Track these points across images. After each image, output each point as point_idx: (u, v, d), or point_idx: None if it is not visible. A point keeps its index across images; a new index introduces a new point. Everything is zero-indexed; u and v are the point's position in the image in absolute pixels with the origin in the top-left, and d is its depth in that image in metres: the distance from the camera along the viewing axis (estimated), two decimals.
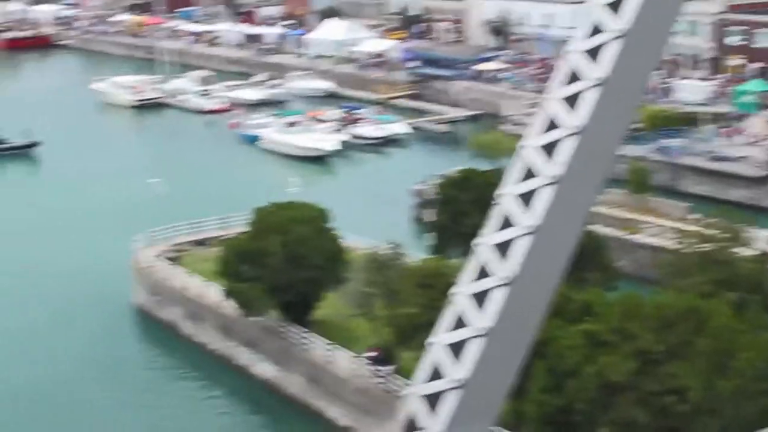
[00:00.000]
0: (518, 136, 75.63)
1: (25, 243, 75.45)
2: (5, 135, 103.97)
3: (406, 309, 47.19)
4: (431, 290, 46.64)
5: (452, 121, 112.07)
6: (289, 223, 53.52)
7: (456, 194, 58.10)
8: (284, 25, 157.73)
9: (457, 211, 57.19)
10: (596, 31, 15.67)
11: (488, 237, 6.00)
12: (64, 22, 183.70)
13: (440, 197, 60.12)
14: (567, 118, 13.99)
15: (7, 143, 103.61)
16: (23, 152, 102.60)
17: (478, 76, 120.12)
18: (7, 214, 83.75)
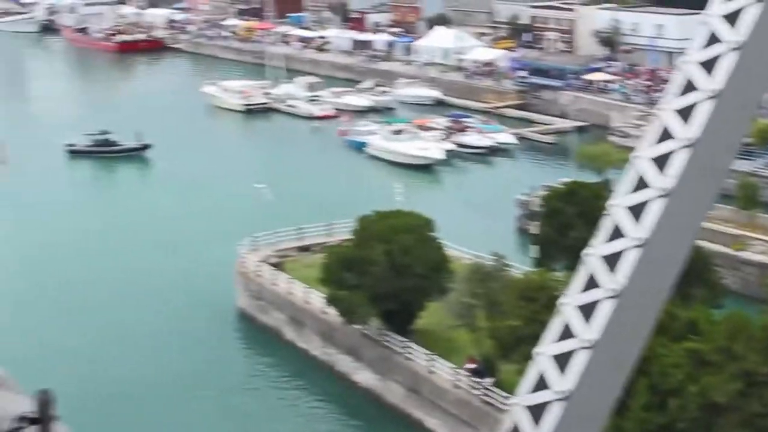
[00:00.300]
0: (626, 148, 75.13)
1: (135, 244, 76.52)
2: (118, 137, 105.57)
3: (509, 321, 47.01)
4: (534, 303, 46.41)
5: (559, 132, 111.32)
6: (393, 232, 53.58)
7: (562, 207, 57.66)
8: (393, 33, 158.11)
9: (563, 224, 56.76)
10: (712, 41, 15.38)
11: (597, 248, 5.97)
12: (176, 26, 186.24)
13: (545, 209, 59.72)
14: (680, 130, 13.75)
15: (120, 145, 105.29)
16: (136, 154, 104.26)
17: (586, 87, 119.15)
18: (118, 214, 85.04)
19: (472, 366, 49.30)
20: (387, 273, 52.52)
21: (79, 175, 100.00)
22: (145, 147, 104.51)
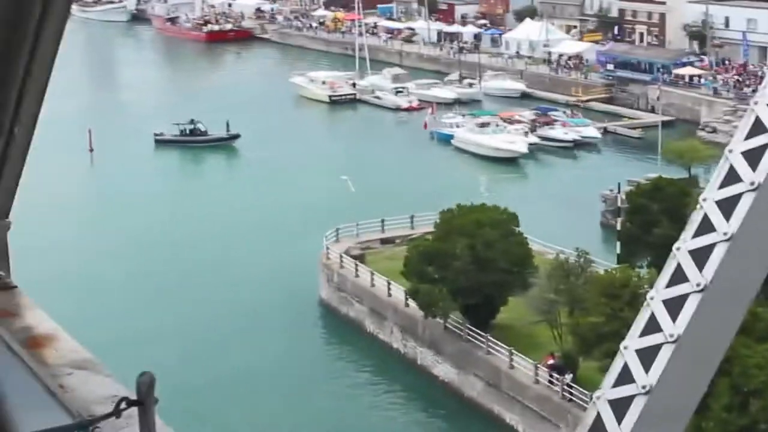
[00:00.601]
0: (715, 144, 73.92)
1: (220, 233, 77.19)
2: (206, 127, 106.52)
3: (591, 318, 46.86)
4: (617, 300, 46.26)
5: (646, 126, 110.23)
6: (477, 226, 53.58)
7: (647, 203, 57.31)
8: (480, 24, 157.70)
9: (647, 221, 56.41)
10: None
11: (686, 242, 5.85)
12: (264, 15, 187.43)
13: (630, 206, 59.36)
14: None
15: (209, 135, 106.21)
16: (224, 144, 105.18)
17: (675, 81, 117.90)
18: (205, 203, 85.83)
19: (552, 362, 49.15)
20: (469, 267, 52.54)
21: (166, 164, 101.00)
22: (234, 137, 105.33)
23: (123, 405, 4.26)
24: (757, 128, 4.99)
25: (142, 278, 69.36)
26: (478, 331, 53.33)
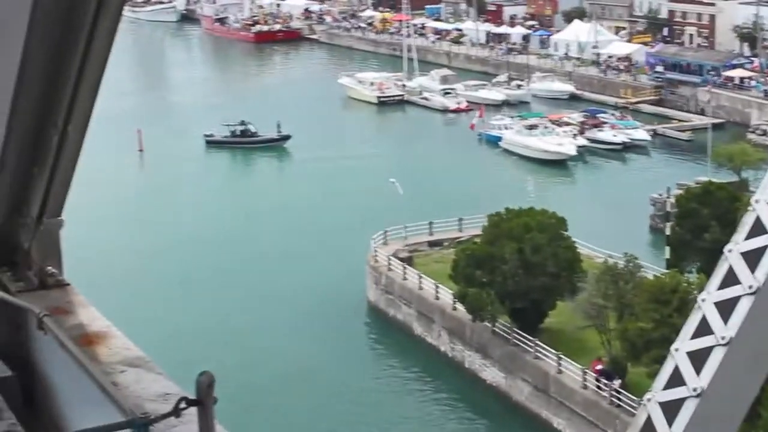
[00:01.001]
0: (765, 146, 73.13)
1: (271, 234, 77.46)
2: (257, 128, 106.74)
3: (639, 324, 46.70)
4: (666, 306, 46.10)
5: (696, 129, 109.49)
6: (525, 230, 53.51)
7: (696, 208, 56.97)
8: (529, 25, 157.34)
9: (697, 226, 56.10)
10: None
11: (738, 244, 5.78)
12: (313, 16, 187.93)
13: (680, 210, 59.03)
14: None
15: (260, 136, 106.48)
16: (275, 145, 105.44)
17: (725, 83, 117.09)
18: (254, 204, 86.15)
19: (600, 367, 49.02)
20: (517, 271, 52.51)
21: (215, 165, 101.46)
22: (285, 138, 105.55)
23: (182, 404, 4.32)
24: None
25: (191, 278, 69.81)
26: (526, 335, 53.28)
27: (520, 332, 53.61)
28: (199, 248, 75.04)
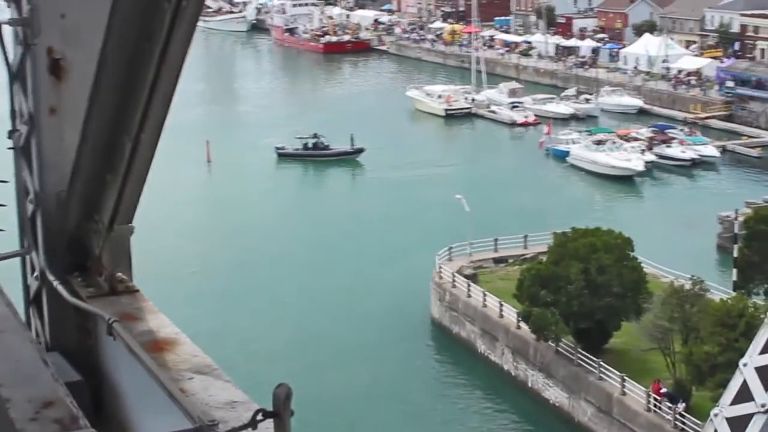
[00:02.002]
0: None
1: (339, 248, 77.66)
2: (329, 141, 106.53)
3: (705, 347, 46.32)
4: (732, 330, 45.66)
5: (765, 146, 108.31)
6: (591, 250, 53.27)
7: (765, 230, 56.39)
8: (598, 39, 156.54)
9: (765, 248, 55.55)
10: None
11: None
12: (382, 27, 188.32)
13: (747, 231, 58.44)
14: None
15: (332, 149, 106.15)
16: (348, 158, 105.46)
17: None
18: (322, 217, 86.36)
19: (664, 390, 48.68)
20: (582, 291, 52.29)
21: (284, 178, 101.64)
22: (359, 151, 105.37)
23: (259, 416, 4.38)
24: None
25: (257, 292, 70.26)
26: (590, 356, 53.01)
27: (584, 353, 53.35)
28: (266, 262, 75.47)
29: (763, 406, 4.36)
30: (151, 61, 5.31)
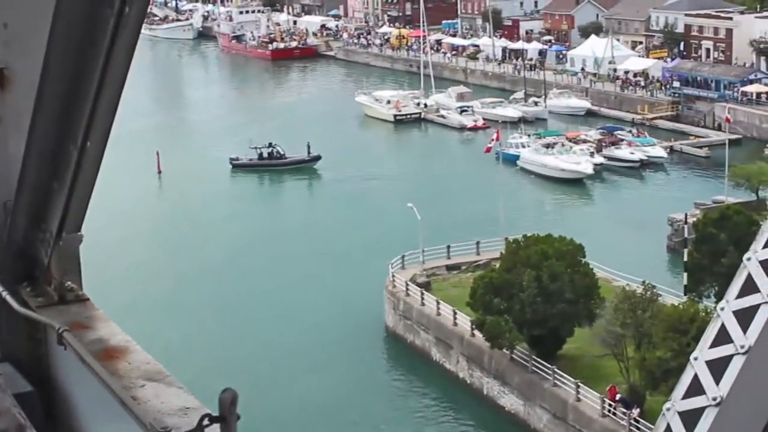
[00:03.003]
0: None
1: (290, 257, 77.32)
2: (285, 149, 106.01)
3: (658, 353, 46.72)
4: (684, 335, 46.08)
5: (713, 145, 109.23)
6: (543, 257, 53.56)
7: (714, 233, 56.91)
8: (545, 41, 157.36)
9: (715, 251, 56.07)
10: None
11: (757, 252, 5.73)
12: (330, 33, 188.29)
13: (697, 235, 58.97)
14: None
15: (289, 158, 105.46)
16: (306, 166, 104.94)
17: (742, 98, 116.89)
18: (275, 228, 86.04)
19: (619, 396, 49.06)
20: (535, 299, 52.58)
21: (236, 188, 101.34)
22: (316, 159, 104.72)
23: (205, 421, 4.40)
24: None
25: (207, 301, 69.98)
26: (545, 363, 53.32)
27: (539, 359, 53.67)
28: (218, 272, 75.21)
29: (714, 399, 4.45)
30: (95, 68, 5.28)
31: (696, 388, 4.34)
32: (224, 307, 68.82)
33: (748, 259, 4.31)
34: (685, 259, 60.41)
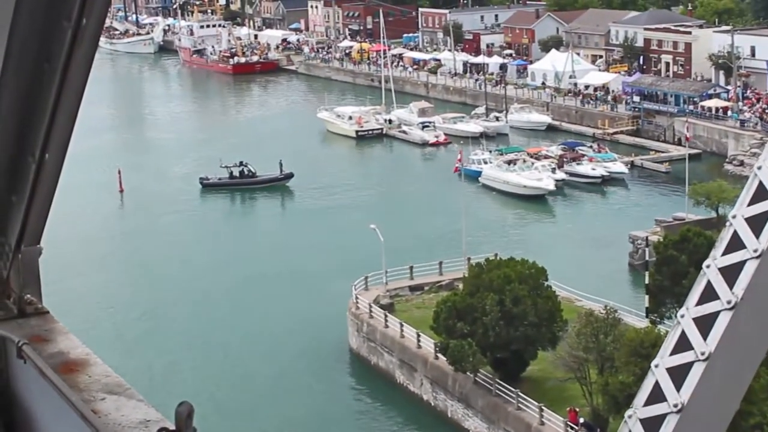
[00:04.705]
0: (742, 178, 73.40)
1: (252, 279, 77.17)
2: (256, 168, 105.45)
3: (620, 377, 46.98)
4: (646, 360, 46.22)
5: (673, 160, 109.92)
6: (505, 281, 53.79)
7: (675, 255, 57.28)
8: (505, 55, 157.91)
9: (675, 272, 56.44)
10: None
11: (716, 259, 5.72)
12: (290, 47, 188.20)
13: (658, 257, 59.31)
14: None
15: (261, 176, 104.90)
16: (279, 184, 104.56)
17: (702, 113, 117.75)
18: (237, 249, 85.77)
19: (582, 420, 49.31)
20: (498, 322, 52.81)
21: (203, 209, 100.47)
22: (288, 176, 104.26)
23: None
24: None
25: (169, 323, 69.86)
26: (508, 386, 53.53)
27: (502, 383, 53.87)
28: (180, 293, 75.02)
29: (675, 406, 4.50)
30: (52, 80, 5.28)
31: (657, 395, 4.42)
32: (186, 330, 68.64)
33: (708, 267, 4.38)
34: (647, 281, 60.73)
